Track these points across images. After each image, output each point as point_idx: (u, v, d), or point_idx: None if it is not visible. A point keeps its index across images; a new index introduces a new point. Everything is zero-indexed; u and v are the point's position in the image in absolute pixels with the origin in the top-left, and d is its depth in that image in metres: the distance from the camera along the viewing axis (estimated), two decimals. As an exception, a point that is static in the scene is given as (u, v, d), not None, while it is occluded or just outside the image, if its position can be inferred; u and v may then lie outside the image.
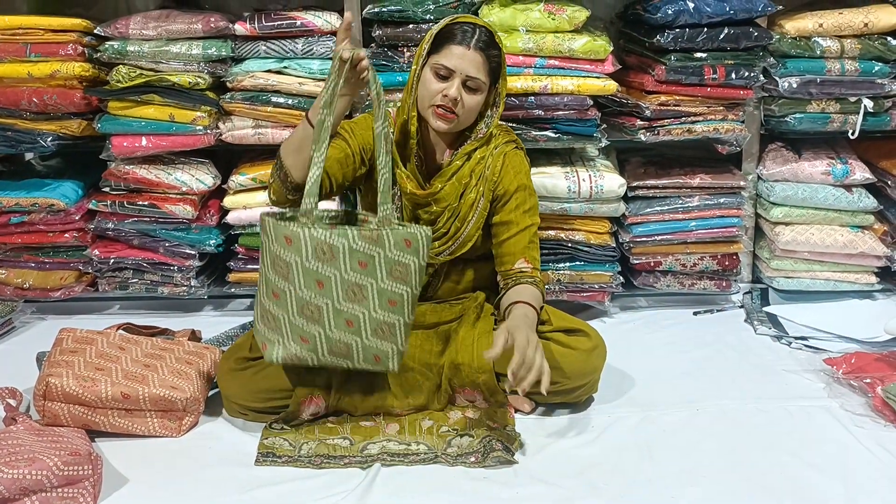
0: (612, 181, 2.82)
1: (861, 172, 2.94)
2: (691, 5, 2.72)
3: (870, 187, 2.99)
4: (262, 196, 2.89)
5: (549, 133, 2.83)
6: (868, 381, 2.32)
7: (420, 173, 2.34)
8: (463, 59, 2.21)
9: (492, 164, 2.33)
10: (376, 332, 2.09)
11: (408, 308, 2.10)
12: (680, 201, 2.94)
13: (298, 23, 2.78)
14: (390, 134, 2.14)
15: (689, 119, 2.85)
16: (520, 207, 2.33)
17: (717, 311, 3.02)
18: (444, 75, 2.22)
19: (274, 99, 2.80)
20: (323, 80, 2.79)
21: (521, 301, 2.21)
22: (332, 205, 2.83)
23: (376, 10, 2.75)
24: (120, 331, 2.45)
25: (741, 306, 3.03)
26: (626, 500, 1.93)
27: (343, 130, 2.30)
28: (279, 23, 2.79)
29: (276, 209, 2.16)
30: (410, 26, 2.76)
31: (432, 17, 2.74)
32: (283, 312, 2.08)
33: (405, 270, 2.08)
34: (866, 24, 2.82)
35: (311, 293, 2.06)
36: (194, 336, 2.60)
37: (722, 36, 2.76)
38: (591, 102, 2.80)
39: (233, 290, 3.01)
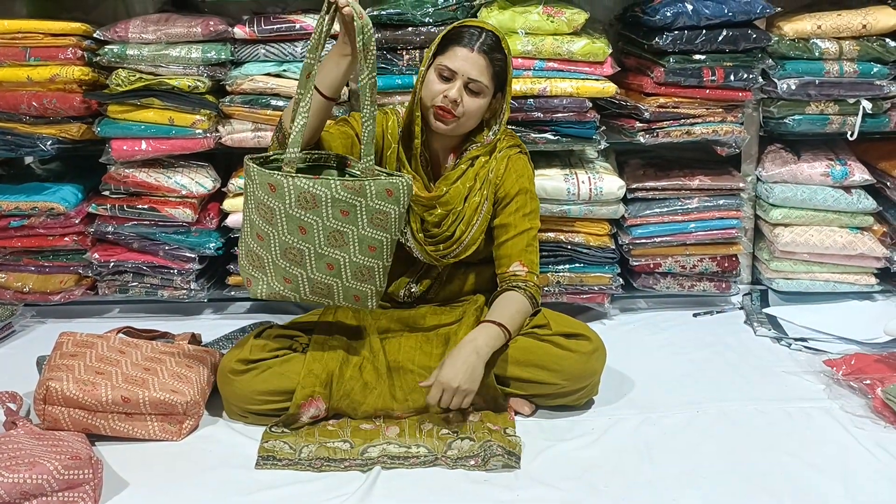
0: (612, 183, 2.82)
1: (860, 174, 2.94)
2: (690, 7, 2.73)
3: (869, 188, 2.99)
4: (262, 199, 2.89)
5: (549, 135, 2.83)
6: (868, 382, 2.33)
7: (425, 175, 2.35)
8: (466, 60, 2.22)
9: (495, 168, 2.34)
10: (356, 274, 2.18)
11: (386, 253, 2.19)
12: (679, 203, 2.94)
13: (297, 26, 2.78)
14: (376, 84, 2.13)
15: (688, 121, 2.86)
16: (519, 210, 2.33)
17: (717, 312, 3.02)
18: (447, 76, 2.23)
19: (273, 102, 2.81)
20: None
21: (489, 321, 2.22)
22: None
23: (375, 12, 2.75)
24: (120, 334, 2.45)
25: (741, 308, 3.03)
26: (627, 502, 1.93)
27: (352, 119, 2.33)
28: (278, 26, 2.79)
29: (259, 154, 2.18)
30: (409, 29, 2.76)
31: (431, 21, 2.74)
32: (267, 253, 2.17)
33: (385, 218, 2.14)
34: (865, 26, 2.82)
35: (294, 238, 2.14)
36: (194, 339, 2.59)
37: (720, 38, 2.76)
38: (590, 104, 2.80)
39: (233, 293, 3.01)
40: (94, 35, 2.82)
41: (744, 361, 2.63)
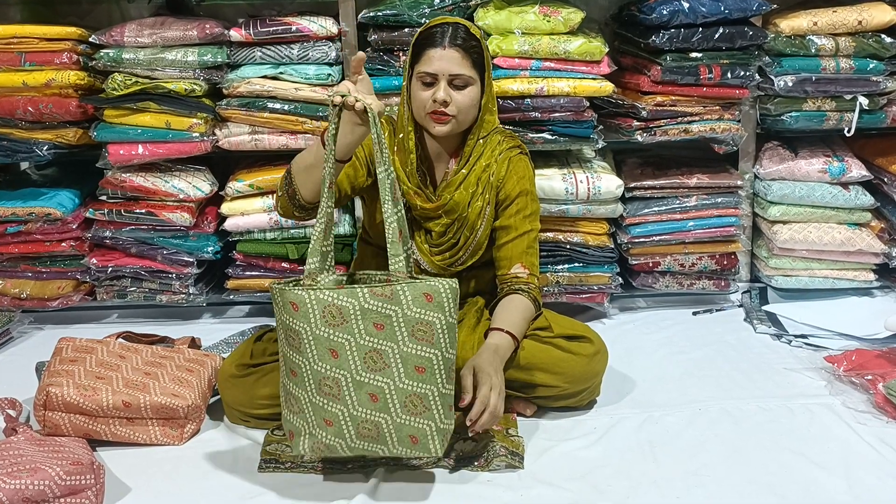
0: (610, 182, 2.82)
1: (857, 170, 2.95)
2: (686, 5, 2.73)
3: (866, 184, 3.00)
4: (260, 202, 2.89)
5: (546, 135, 2.83)
6: (869, 377, 2.33)
7: (426, 186, 2.33)
8: (442, 59, 2.19)
9: (496, 171, 2.32)
10: (406, 406, 1.85)
11: (441, 375, 1.85)
12: (677, 201, 2.94)
13: (294, 28, 2.78)
14: (397, 181, 1.95)
15: (686, 119, 2.86)
16: (520, 212, 2.32)
17: (717, 310, 3.02)
18: (429, 82, 2.21)
19: (270, 105, 2.80)
20: (319, 84, 2.80)
21: (497, 328, 2.19)
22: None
23: (371, 14, 2.75)
24: (119, 339, 2.44)
25: (740, 305, 3.03)
26: (632, 501, 1.93)
27: None
28: (274, 28, 2.78)
29: (285, 278, 2.10)
30: (406, 30, 2.76)
31: (427, 21, 2.73)
32: (303, 392, 1.89)
33: (429, 330, 1.84)
34: (860, 22, 2.83)
35: (326, 364, 1.85)
36: (194, 343, 2.59)
37: (717, 35, 2.77)
38: (588, 104, 2.80)
39: (231, 296, 3.01)
40: (90, 39, 2.81)
41: (744, 359, 2.63)
